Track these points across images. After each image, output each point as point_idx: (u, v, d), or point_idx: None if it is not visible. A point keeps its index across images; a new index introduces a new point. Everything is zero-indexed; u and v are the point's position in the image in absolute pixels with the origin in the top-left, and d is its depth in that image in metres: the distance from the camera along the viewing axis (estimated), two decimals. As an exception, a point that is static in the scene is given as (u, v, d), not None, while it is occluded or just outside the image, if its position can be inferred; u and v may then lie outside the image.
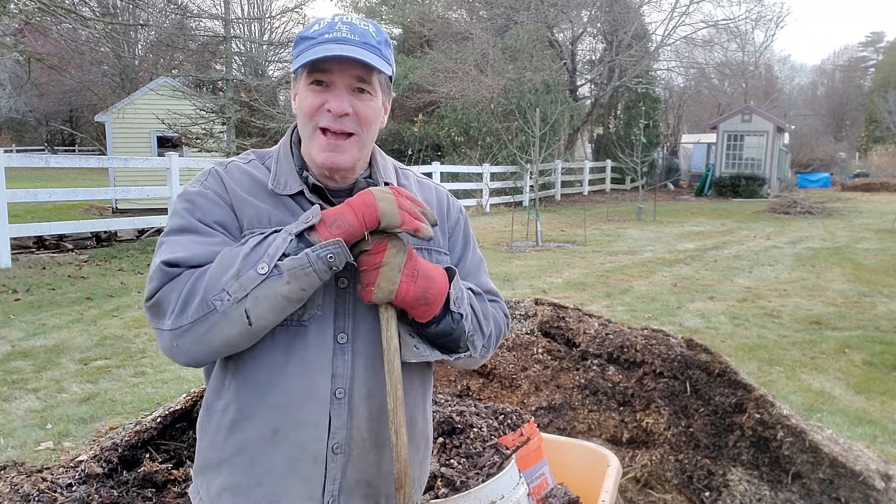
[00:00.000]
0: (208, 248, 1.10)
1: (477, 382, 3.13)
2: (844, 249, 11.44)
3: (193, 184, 1.21)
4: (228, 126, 13.84)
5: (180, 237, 1.13)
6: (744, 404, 2.78)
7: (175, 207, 1.18)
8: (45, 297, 7.00)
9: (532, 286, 7.92)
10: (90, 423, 3.86)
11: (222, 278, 1.04)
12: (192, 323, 1.05)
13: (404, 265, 1.12)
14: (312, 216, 1.09)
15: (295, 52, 1.18)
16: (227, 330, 1.06)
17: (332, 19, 1.18)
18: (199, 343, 1.07)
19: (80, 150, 35.55)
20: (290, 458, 1.15)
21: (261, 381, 1.14)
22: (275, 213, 1.18)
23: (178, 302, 1.05)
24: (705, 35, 29.48)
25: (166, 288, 1.07)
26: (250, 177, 1.22)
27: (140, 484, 2.15)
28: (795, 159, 32.96)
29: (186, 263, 1.08)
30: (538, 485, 2.19)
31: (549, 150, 15.12)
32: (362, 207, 1.10)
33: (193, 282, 1.06)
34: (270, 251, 1.05)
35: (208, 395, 1.21)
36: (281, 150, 1.27)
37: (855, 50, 57.65)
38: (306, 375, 1.14)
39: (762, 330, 6.11)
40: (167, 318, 1.06)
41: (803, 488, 2.57)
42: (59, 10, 11.60)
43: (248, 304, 1.04)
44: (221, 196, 1.17)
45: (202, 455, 1.22)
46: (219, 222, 1.15)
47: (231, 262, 1.06)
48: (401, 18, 25.02)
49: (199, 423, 1.23)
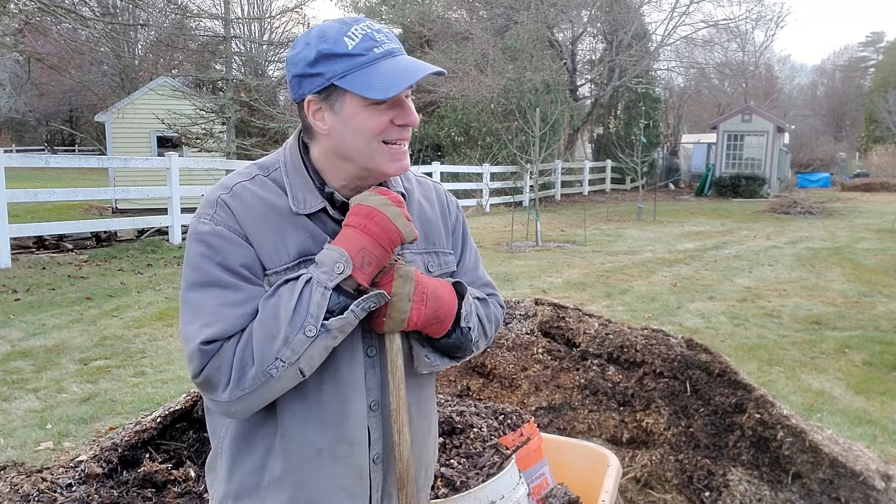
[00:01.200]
0: (240, 312, 1.06)
1: (477, 382, 3.13)
2: (844, 249, 11.44)
3: (202, 219, 1.11)
4: (228, 126, 13.84)
5: (204, 296, 1.07)
6: (744, 404, 2.78)
7: (189, 252, 1.10)
8: (45, 297, 7.00)
9: (532, 286, 7.92)
10: (90, 423, 3.86)
11: (273, 347, 1.03)
12: (249, 392, 1.05)
13: (413, 292, 1.12)
14: (344, 266, 1.05)
15: (330, 70, 1.07)
16: (283, 386, 1.08)
17: (363, 29, 1.09)
18: (256, 403, 1.08)
19: (80, 150, 35.54)
20: (336, 475, 1.16)
21: (298, 405, 1.14)
22: (292, 237, 1.13)
23: (231, 377, 1.04)
24: (705, 35, 29.53)
25: (211, 365, 1.04)
26: (261, 200, 1.13)
27: (140, 484, 2.15)
28: (795, 159, 32.97)
29: (223, 336, 1.05)
30: (538, 485, 2.19)
31: (549, 150, 15.12)
32: (383, 235, 1.08)
33: (241, 353, 1.04)
34: (312, 310, 1.04)
35: (243, 424, 1.17)
36: (290, 163, 1.19)
37: (855, 50, 57.71)
38: (341, 393, 1.15)
39: (762, 330, 6.11)
40: (221, 391, 1.05)
41: (803, 488, 2.57)
42: (59, 9, 11.60)
43: (301, 364, 1.05)
44: (236, 231, 1.10)
45: (240, 483, 1.18)
46: (243, 265, 1.09)
47: (276, 327, 1.04)
48: (401, 18, 25.01)
49: (234, 450, 1.18)
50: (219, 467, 1.21)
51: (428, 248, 1.27)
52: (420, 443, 1.27)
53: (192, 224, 1.14)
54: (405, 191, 1.26)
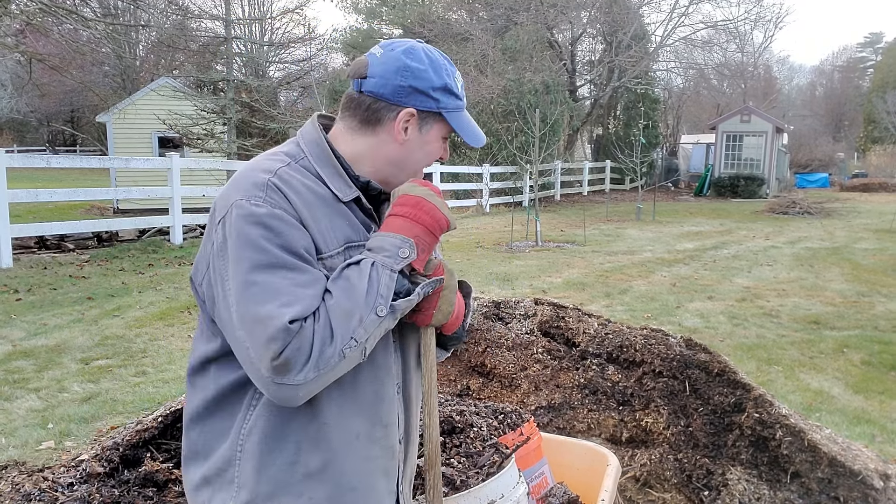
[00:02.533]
0: (313, 292, 1.06)
1: (477, 382, 3.14)
2: (843, 249, 11.45)
3: (253, 200, 1.07)
4: (229, 126, 13.85)
5: (275, 278, 1.04)
6: (743, 404, 2.79)
7: (246, 234, 1.05)
8: (47, 296, 7.01)
9: (532, 286, 7.93)
10: (91, 423, 3.87)
11: (349, 325, 1.04)
12: (323, 373, 1.04)
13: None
14: (409, 251, 1.11)
15: (443, 101, 1.21)
16: (346, 367, 1.08)
17: (459, 78, 1.26)
18: (320, 386, 1.07)
19: (82, 150, 35.54)
20: (375, 457, 1.20)
21: (336, 392, 1.14)
22: (338, 223, 1.16)
23: (311, 357, 1.02)
24: (704, 36, 29.53)
25: (292, 345, 1.01)
26: (305, 185, 1.14)
27: (141, 483, 2.16)
28: (794, 159, 32.98)
29: (304, 316, 1.03)
30: (538, 484, 2.20)
31: (548, 150, 15.13)
32: (433, 223, 1.14)
33: (322, 333, 1.03)
34: (383, 291, 1.07)
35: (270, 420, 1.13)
36: (315, 150, 1.20)
37: (854, 50, 57.71)
38: (377, 377, 1.19)
39: (761, 329, 6.12)
40: (297, 373, 1.02)
41: (802, 487, 2.58)
42: (61, 10, 11.61)
43: (367, 345, 1.08)
44: (293, 214, 1.09)
45: (273, 481, 1.14)
46: (305, 248, 1.09)
47: (351, 306, 1.05)
48: (401, 19, 25.04)
49: (262, 448, 1.13)
50: (233, 474, 1.15)
51: None
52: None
53: (239, 205, 1.07)
54: None
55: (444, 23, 24.10)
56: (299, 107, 18.22)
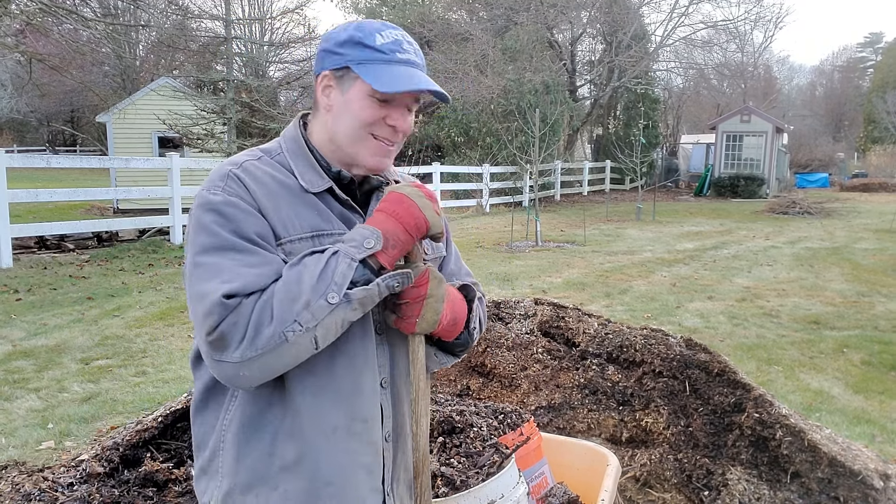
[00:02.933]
0: (259, 271, 1.06)
1: (477, 382, 3.14)
2: (843, 249, 11.45)
3: (212, 190, 1.12)
4: (229, 126, 13.85)
5: (221, 259, 1.06)
6: (743, 404, 2.79)
7: (200, 220, 1.10)
8: (47, 296, 7.01)
9: (532, 286, 7.93)
10: (91, 423, 3.87)
11: (293, 308, 1.03)
12: (262, 353, 1.03)
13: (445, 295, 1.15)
14: (374, 241, 1.08)
15: (353, 55, 1.15)
16: (295, 354, 1.06)
17: (396, 35, 1.17)
18: (265, 370, 1.06)
19: (82, 150, 35.55)
20: (354, 451, 1.17)
21: (310, 380, 1.14)
22: (304, 213, 1.16)
23: (247, 334, 1.03)
24: (704, 36, 29.53)
25: (228, 320, 1.02)
26: (271, 176, 1.17)
27: (141, 483, 2.16)
28: (794, 160, 32.98)
29: (244, 292, 1.04)
30: (538, 484, 2.20)
31: (548, 150, 15.13)
32: (410, 220, 1.11)
33: (259, 312, 1.03)
34: (337, 279, 1.05)
35: (246, 410, 1.15)
36: (291, 145, 1.23)
37: (854, 50, 57.72)
38: (354, 369, 1.17)
39: (761, 330, 6.12)
40: (232, 350, 1.03)
41: (802, 487, 2.58)
42: (61, 10, 11.61)
43: (318, 332, 1.05)
44: (248, 202, 1.12)
45: (250, 471, 1.16)
46: (257, 233, 1.10)
47: (298, 290, 1.04)
48: (401, 19, 25.01)
49: (240, 438, 1.16)
50: (218, 464, 1.18)
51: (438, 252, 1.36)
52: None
53: (200, 195, 1.12)
54: None
55: (444, 23, 24.09)
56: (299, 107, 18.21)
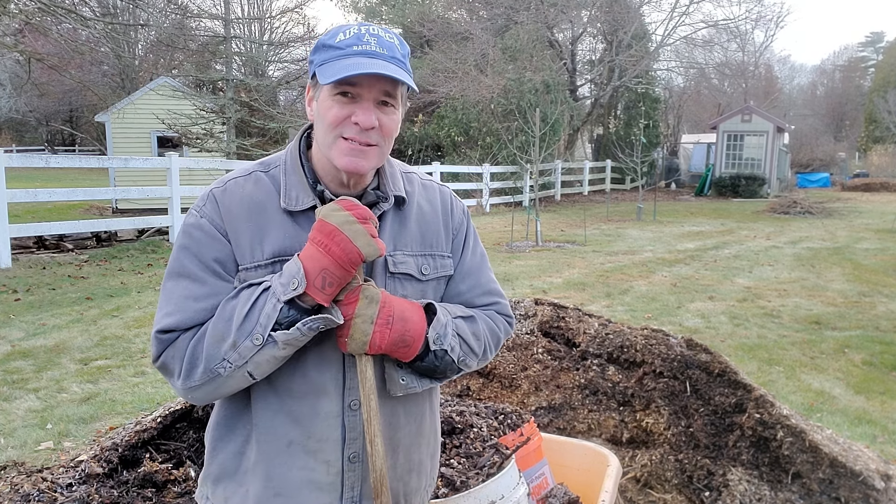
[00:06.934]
0: (202, 305, 1.12)
1: (477, 382, 3.14)
2: (844, 249, 11.44)
3: (193, 210, 1.18)
4: (228, 126, 13.84)
5: (175, 286, 1.14)
6: (744, 404, 2.78)
7: (177, 239, 1.17)
8: (46, 297, 7.00)
9: (532, 286, 7.92)
10: (90, 423, 3.87)
11: (221, 348, 1.08)
12: (201, 384, 1.11)
13: (377, 315, 1.11)
14: (298, 283, 1.06)
15: (317, 59, 1.14)
16: (233, 385, 1.13)
17: (359, 30, 1.13)
18: (210, 395, 1.14)
19: (81, 150, 35.57)
20: (307, 468, 1.18)
21: (272, 398, 1.18)
22: (271, 236, 1.15)
23: (183, 368, 1.10)
24: (705, 35, 29.53)
25: (167, 354, 1.12)
26: (250, 196, 1.17)
27: (140, 484, 2.15)
28: (795, 159, 32.97)
29: (179, 328, 1.11)
30: (538, 485, 2.19)
31: (549, 150, 15.13)
32: (343, 256, 1.06)
33: (193, 349, 1.10)
34: (262, 320, 1.07)
35: (225, 410, 1.23)
36: (289, 160, 1.21)
37: (855, 50, 57.72)
38: (312, 393, 1.17)
39: (762, 330, 6.11)
40: (176, 378, 1.12)
41: (803, 488, 2.57)
42: (60, 10, 11.60)
43: (249, 368, 1.10)
44: (217, 226, 1.15)
45: (220, 466, 1.23)
46: (216, 259, 1.14)
47: (226, 330, 1.08)
48: (401, 18, 25.03)
49: (215, 434, 1.24)
50: (208, 457, 1.27)
51: (424, 251, 1.26)
52: (408, 445, 1.27)
53: (188, 212, 1.20)
54: (405, 193, 1.25)
55: (443, 22, 24.09)
56: (299, 106, 18.20)
